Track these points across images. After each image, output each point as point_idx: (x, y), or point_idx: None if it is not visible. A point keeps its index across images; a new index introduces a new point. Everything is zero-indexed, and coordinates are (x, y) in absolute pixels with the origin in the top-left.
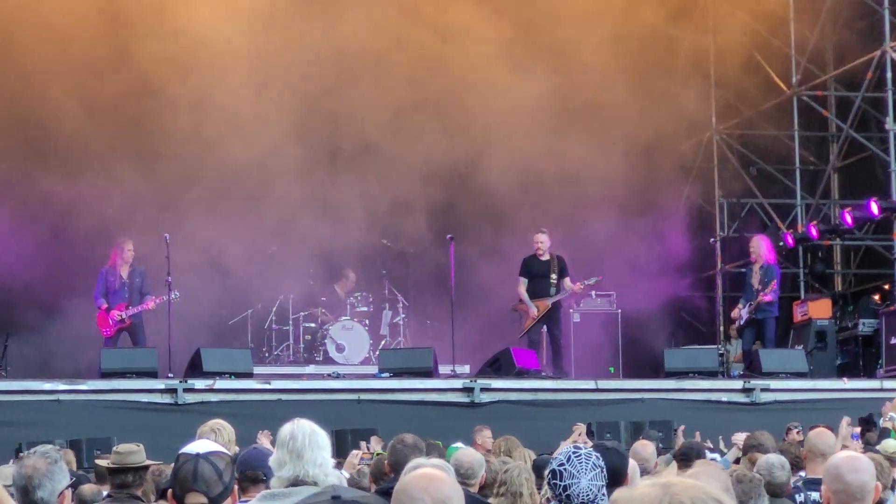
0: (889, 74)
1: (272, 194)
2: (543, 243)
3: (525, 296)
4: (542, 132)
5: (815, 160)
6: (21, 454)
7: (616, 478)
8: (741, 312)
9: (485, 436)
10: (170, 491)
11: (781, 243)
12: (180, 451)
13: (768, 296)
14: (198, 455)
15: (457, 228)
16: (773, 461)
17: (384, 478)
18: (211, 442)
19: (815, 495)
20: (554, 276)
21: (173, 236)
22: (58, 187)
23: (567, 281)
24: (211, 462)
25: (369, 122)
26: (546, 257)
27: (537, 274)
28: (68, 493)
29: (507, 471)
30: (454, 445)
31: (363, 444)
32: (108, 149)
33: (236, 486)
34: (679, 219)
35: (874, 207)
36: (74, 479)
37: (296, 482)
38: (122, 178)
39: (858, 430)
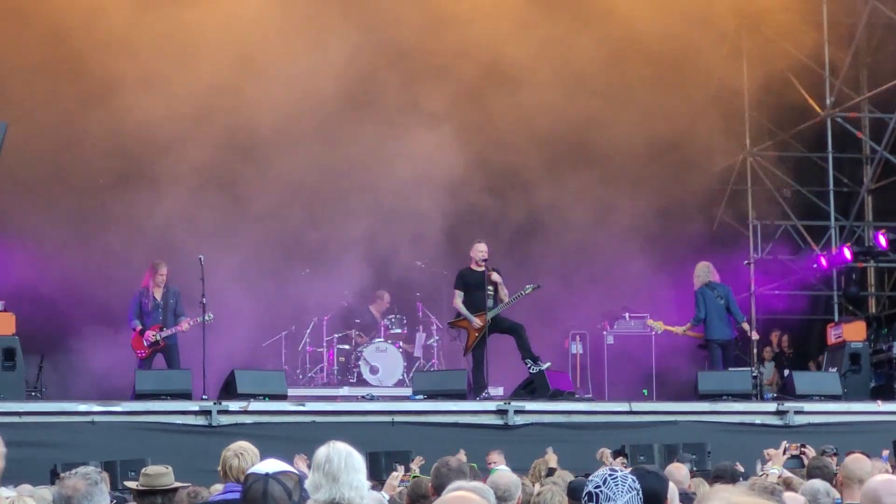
0: None
1: (311, 215)
2: (483, 252)
3: (464, 309)
4: (569, 162)
5: (849, 182)
6: (61, 475)
7: (654, 502)
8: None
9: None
10: None
11: (815, 265)
12: (248, 472)
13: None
14: (267, 475)
15: (491, 254)
16: (818, 486)
17: (422, 500)
18: (279, 461)
19: None
20: (490, 287)
21: (209, 258)
22: (100, 210)
23: (503, 289)
24: (280, 482)
25: (408, 127)
26: (481, 268)
27: (473, 286)
28: None
29: (539, 493)
30: (496, 468)
31: (399, 466)
32: (152, 169)
33: None
34: (712, 241)
35: None
36: (114, 500)
37: None
38: (162, 199)
39: (887, 452)
